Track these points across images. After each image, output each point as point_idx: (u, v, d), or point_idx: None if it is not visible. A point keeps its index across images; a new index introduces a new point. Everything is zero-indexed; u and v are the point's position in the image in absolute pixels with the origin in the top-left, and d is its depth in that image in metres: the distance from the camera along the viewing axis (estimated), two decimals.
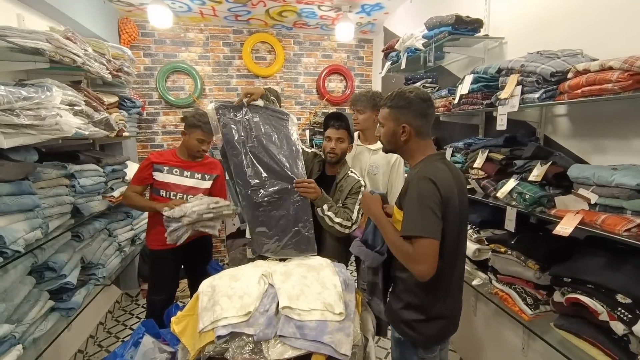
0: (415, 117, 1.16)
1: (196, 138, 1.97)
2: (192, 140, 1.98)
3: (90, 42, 2.02)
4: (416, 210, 1.06)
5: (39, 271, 1.60)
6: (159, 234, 1.91)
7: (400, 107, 1.17)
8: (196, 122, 1.95)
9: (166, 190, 1.98)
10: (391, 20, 3.46)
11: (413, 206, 1.08)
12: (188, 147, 2.02)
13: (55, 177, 1.70)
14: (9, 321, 1.32)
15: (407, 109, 1.16)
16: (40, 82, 1.54)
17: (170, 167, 1.99)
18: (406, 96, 1.16)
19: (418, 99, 1.16)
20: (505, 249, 1.57)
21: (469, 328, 2.24)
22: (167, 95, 3.54)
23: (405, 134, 1.18)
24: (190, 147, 2.01)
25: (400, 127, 1.18)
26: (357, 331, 1.28)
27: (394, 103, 1.18)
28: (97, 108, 2.02)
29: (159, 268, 2.06)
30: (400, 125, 1.17)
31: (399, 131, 1.18)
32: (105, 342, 2.53)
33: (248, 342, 1.14)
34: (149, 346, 1.46)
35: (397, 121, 1.18)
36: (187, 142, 2.00)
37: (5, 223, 1.31)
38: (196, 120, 1.95)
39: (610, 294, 1.11)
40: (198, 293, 1.30)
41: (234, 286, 1.26)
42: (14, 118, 1.20)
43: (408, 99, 1.16)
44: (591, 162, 1.43)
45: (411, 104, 1.16)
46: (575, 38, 1.47)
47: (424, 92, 1.19)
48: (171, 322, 1.29)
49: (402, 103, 1.16)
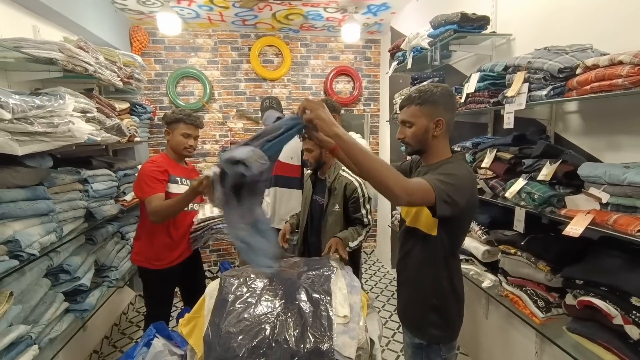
0: (446, 111, 1.16)
1: (180, 133, 1.81)
2: (177, 137, 1.82)
3: (102, 51, 2.08)
4: (444, 181, 1.02)
5: (54, 273, 1.66)
6: (165, 253, 1.82)
7: (431, 102, 1.15)
8: (177, 116, 1.80)
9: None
10: (398, 20, 3.43)
11: (445, 180, 1.03)
12: (175, 147, 1.85)
13: (69, 182, 1.76)
14: (25, 322, 1.37)
15: (438, 103, 1.15)
16: (54, 90, 1.60)
17: (181, 178, 1.86)
18: (434, 91, 1.15)
19: (447, 93, 1.16)
20: (515, 250, 1.53)
21: (481, 331, 2.20)
22: (178, 100, 3.60)
23: (439, 128, 1.16)
24: (176, 146, 1.84)
25: (434, 122, 1.15)
26: (362, 333, 1.27)
27: (422, 100, 1.16)
28: (109, 114, 2.08)
29: (164, 286, 1.92)
30: (434, 120, 1.15)
31: (432, 127, 1.16)
32: (119, 343, 2.59)
33: None
34: (160, 348, 1.49)
35: (430, 117, 1.16)
36: (172, 141, 1.84)
37: (21, 227, 1.36)
38: (176, 114, 1.81)
39: (625, 296, 1.07)
40: (205, 295, 1.32)
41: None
42: (28, 126, 1.25)
43: (437, 94, 1.15)
44: (604, 160, 1.38)
45: (443, 98, 1.15)
46: (585, 32, 1.43)
47: (448, 87, 1.19)
48: (179, 324, 1.31)
49: (433, 98, 1.15)
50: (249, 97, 3.81)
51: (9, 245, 1.29)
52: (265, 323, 1.14)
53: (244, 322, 1.15)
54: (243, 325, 1.14)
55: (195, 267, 2.08)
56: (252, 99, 3.82)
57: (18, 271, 1.34)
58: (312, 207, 1.89)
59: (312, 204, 1.90)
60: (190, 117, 1.82)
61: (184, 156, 1.92)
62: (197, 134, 1.89)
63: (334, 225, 1.78)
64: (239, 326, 1.14)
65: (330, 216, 1.78)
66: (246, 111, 3.77)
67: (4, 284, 1.30)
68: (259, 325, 1.14)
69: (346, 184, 1.75)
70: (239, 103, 3.79)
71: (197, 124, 1.86)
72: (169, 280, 1.92)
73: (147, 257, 1.83)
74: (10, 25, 1.76)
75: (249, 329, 1.13)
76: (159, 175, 1.74)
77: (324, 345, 1.11)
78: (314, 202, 1.89)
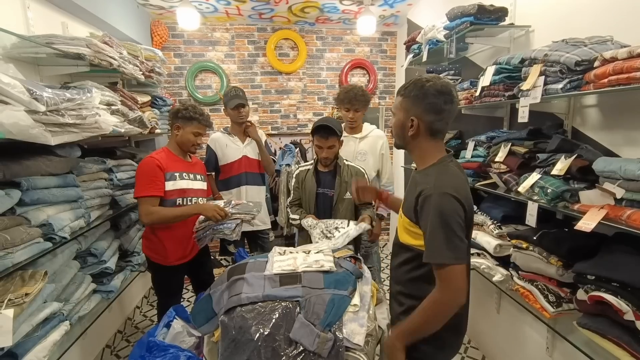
0: (428, 112, 1.03)
1: (192, 131, 1.82)
2: (187, 135, 1.82)
3: (125, 46, 2.17)
4: (440, 233, 0.95)
5: (82, 256, 1.78)
6: (177, 249, 1.84)
7: (413, 97, 1.04)
8: (192, 115, 1.80)
9: (183, 197, 1.84)
10: (415, 12, 3.39)
11: (436, 228, 0.95)
12: (182, 143, 1.85)
13: (95, 172, 1.86)
14: (58, 300, 1.48)
15: (420, 100, 1.02)
16: (82, 84, 1.69)
17: (180, 172, 1.83)
18: (421, 85, 1.03)
19: (434, 90, 1.01)
20: (527, 245, 1.53)
21: (492, 325, 2.20)
22: (196, 93, 3.70)
23: (412, 128, 1.05)
24: (185, 143, 1.84)
25: (409, 120, 1.05)
26: (371, 322, 1.31)
27: (407, 92, 1.05)
28: (131, 107, 2.17)
29: (175, 280, 1.96)
30: (409, 118, 1.05)
31: (407, 124, 1.06)
32: (141, 325, 2.73)
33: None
34: (179, 329, 1.57)
35: (407, 113, 1.06)
36: (181, 138, 1.83)
37: (54, 212, 1.47)
38: (191, 113, 1.80)
39: (637, 292, 1.06)
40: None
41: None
42: (60, 118, 1.33)
43: (423, 89, 1.02)
44: (622, 155, 1.36)
45: (425, 96, 1.02)
46: (606, 23, 1.39)
47: (443, 84, 1.03)
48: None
49: (415, 93, 1.03)
50: (265, 91, 3.86)
51: (43, 229, 1.39)
52: (276, 311, 1.18)
53: (258, 309, 1.21)
54: (256, 312, 1.19)
55: (202, 259, 2.07)
56: (267, 92, 3.87)
57: (51, 253, 1.45)
58: (318, 201, 1.92)
59: (318, 198, 1.93)
60: (205, 118, 1.85)
61: (189, 152, 1.93)
62: (206, 132, 1.95)
63: (346, 212, 1.84)
64: (252, 312, 1.19)
65: (342, 204, 1.85)
66: None
67: (38, 264, 1.40)
68: (272, 313, 1.18)
69: (356, 172, 1.90)
70: (254, 96, 3.84)
71: (208, 124, 1.91)
72: (176, 275, 1.94)
73: (155, 252, 1.85)
74: (43, 22, 1.86)
75: (262, 315, 1.18)
76: (155, 177, 1.71)
77: (334, 332, 1.16)
78: (321, 196, 1.93)
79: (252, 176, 2.45)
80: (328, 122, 1.80)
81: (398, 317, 1.20)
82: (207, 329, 1.29)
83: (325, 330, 1.09)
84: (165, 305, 1.81)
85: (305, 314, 1.12)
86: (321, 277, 1.26)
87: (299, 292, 1.17)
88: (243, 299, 1.17)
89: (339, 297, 1.19)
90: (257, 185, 2.49)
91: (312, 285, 1.21)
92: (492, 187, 1.74)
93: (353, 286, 1.28)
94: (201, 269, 2.09)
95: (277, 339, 1.09)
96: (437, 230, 0.95)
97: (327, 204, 1.91)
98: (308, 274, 1.27)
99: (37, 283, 1.27)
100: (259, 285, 1.22)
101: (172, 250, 1.84)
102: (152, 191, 1.70)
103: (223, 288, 1.27)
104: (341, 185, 1.87)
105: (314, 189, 1.92)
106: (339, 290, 1.21)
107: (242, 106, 2.34)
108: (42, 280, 1.29)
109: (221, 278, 1.37)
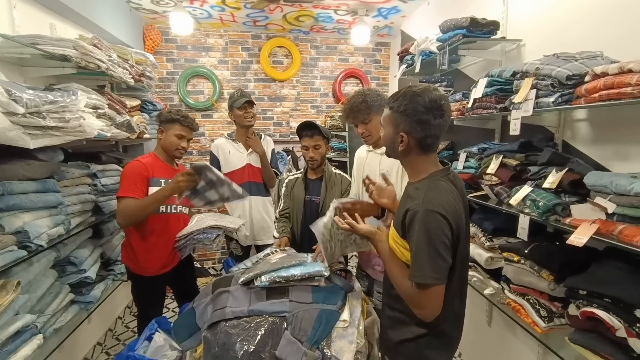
0: (417, 128, 0.98)
1: (174, 134, 1.77)
2: (170, 137, 1.77)
3: (115, 49, 2.12)
4: (424, 252, 0.93)
5: (61, 265, 1.69)
6: (156, 258, 1.76)
7: (401, 112, 0.98)
8: (173, 117, 1.76)
9: (167, 205, 1.77)
10: (408, 24, 3.43)
11: (421, 246, 0.93)
12: (166, 147, 1.80)
13: (78, 177, 1.79)
14: (31, 312, 1.40)
15: (409, 116, 0.97)
16: (67, 86, 1.64)
17: (166, 179, 1.75)
18: (410, 99, 0.97)
19: (422, 107, 0.96)
20: (518, 258, 1.51)
21: (483, 339, 2.17)
22: (187, 98, 3.65)
23: (402, 144, 1.01)
24: (168, 147, 1.80)
25: (399, 136, 1.01)
26: (360, 338, 1.27)
27: (395, 105, 1.00)
28: (119, 111, 2.12)
29: (157, 290, 1.88)
30: (398, 134, 1.01)
31: (397, 139, 1.01)
32: (123, 337, 2.63)
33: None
34: (161, 343, 1.51)
35: (396, 128, 1.01)
36: (164, 141, 1.79)
37: (31, 219, 1.40)
38: (173, 115, 1.77)
39: (629, 308, 1.05)
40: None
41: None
42: (40, 120, 1.28)
43: (413, 102, 0.96)
44: (612, 169, 1.36)
45: (414, 112, 0.96)
46: (596, 39, 1.41)
47: (433, 98, 0.96)
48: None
49: (403, 108, 0.98)
50: (258, 98, 3.84)
51: (18, 236, 1.32)
52: (262, 326, 1.14)
53: (243, 324, 1.16)
54: (241, 327, 1.14)
55: (186, 269, 1.99)
56: (260, 99, 3.85)
57: (26, 261, 1.37)
58: (305, 208, 1.91)
59: (306, 205, 1.91)
60: (186, 119, 1.80)
61: (174, 157, 1.87)
62: (191, 136, 1.86)
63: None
64: (237, 327, 1.14)
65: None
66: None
67: (11, 273, 1.33)
68: (257, 328, 1.13)
69: (342, 179, 1.89)
70: None
71: (192, 126, 1.83)
72: (157, 284, 1.86)
73: (133, 262, 1.78)
74: (29, 22, 1.80)
75: (247, 331, 1.13)
76: (138, 181, 1.68)
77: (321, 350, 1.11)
78: (308, 203, 1.91)
79: (256, 186, 2.29)
80: (311, 123, 1.84)
81: (388, 327, 1.17)
82: (190, 344, 1.23)
83: (313, 348, 1.05)
84: (146, 316, 1.72)
85: (292, 330, 1.08)
86: (309, 290, 1.22)
87: (285, 307, 1.13)
88: (227, 313, 1.13)
89: (328, 312, 1.15)
90: (262, 196, 2.34)
91: (300, 299, 1.17)
92: (484, 199, 1.73)
93: (342, 301, 1.24)
94: (183, 279, 2.00)
95: (263, 356, 1.05)
96: (422, 249, 0.94)
97: (314, 211, 1.88)
98: (296, 287, 1.22)
99: (8, 294, 1.20)
100: (244, 298, 1.17)
101: (150, 260, 1.76)
102: (131, 193, 1.65)
103: (207, 301, 1.22)
104: (327, 192, 1.85)
105: (302, 196, 1.91)
106: (328, 304, 1.17)
107: (249, 104, 2.21)
108: (14, 291, 1.22)
109: (205, 290, 1.32)
